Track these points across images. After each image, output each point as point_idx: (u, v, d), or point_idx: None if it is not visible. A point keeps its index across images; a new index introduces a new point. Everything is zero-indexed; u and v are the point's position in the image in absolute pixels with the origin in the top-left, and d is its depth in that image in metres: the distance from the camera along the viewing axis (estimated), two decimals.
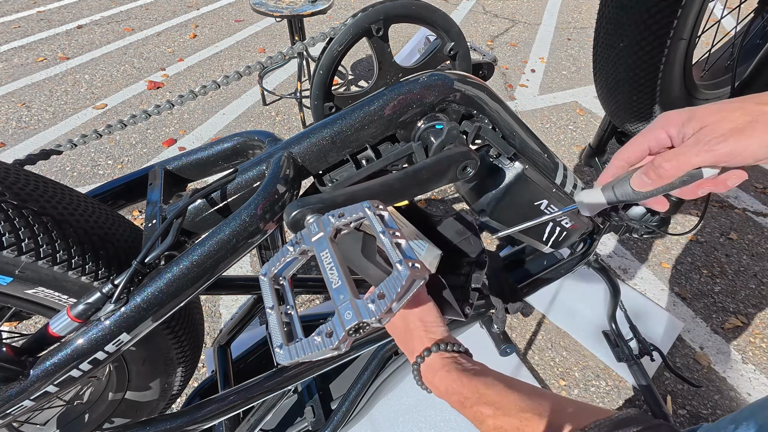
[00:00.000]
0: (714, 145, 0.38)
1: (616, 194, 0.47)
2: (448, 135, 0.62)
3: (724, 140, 0.37)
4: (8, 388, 0.51)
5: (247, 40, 3.56)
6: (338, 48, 0.63)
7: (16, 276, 0.48)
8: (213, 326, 1.51)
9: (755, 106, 0.37)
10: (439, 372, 0.46)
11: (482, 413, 0.41)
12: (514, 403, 0.40)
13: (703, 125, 0.39)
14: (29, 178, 0.51)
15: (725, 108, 0.38)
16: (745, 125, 0.37)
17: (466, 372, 0.45)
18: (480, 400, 0.41)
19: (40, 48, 3.29)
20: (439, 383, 0.46)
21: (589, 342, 1.45)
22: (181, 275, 0.50)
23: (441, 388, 0.45)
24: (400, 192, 0.59)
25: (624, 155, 0.46)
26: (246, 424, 0.89)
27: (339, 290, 0.39)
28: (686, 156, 0.40)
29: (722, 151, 0.37)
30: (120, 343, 0.51)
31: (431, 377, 0.47)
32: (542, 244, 0.86)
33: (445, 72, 0.64)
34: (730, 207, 2.05)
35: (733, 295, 1.65)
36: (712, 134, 0.38)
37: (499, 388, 0.42)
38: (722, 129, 0.37)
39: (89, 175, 2.18)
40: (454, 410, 0.45)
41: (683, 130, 0.40)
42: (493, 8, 4.26)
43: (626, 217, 0.96)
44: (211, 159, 0.67)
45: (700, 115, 0.39)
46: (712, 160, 0.38)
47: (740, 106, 0.38)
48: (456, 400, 0.44)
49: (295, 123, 2.60)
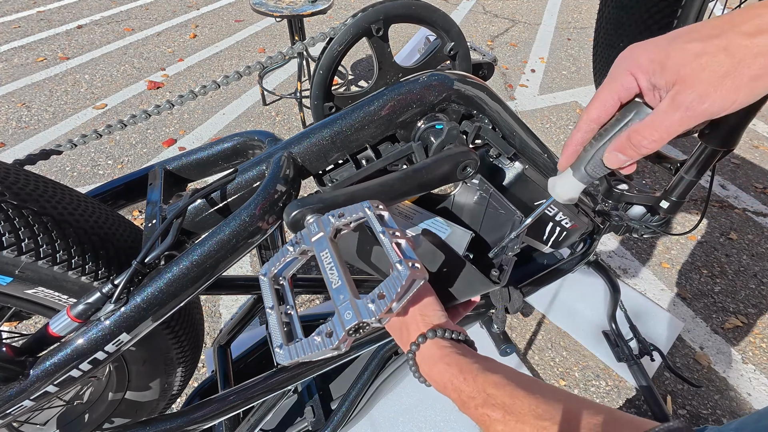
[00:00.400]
0: (698, 106, 0.32)
1: (590, 174, 0.43)
2: (448, 135, 0.62)
3: (708, 99, 0.31)
4: (8, 388, 0.51)
5: (247, 40, 3.56)
6: (338, 48, 0.63)
7: (16, 276, 0.48)
8: (213, 326, 1.51)
9: (741, 39, 0.30)
10: (438, 364, 0.39)
11: (489, 417, 0.35)
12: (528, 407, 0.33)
13: (679, 79, 0.32)
14: (29, 178, 0.51)
15: (706, 51, 0.31)
16: (730, 70, 0.30)
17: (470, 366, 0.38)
18: (487, 401, 0.35)
19: (40, 48, 3.29)
20: (438, 377, 0.39)
21: (589, 342, 1.45)
22: (181, 275, 0.50)
23: (440, 382, 0.39)
24: (400, 192, 0.59)
25: (593, 115, 0.39)
26: (246, 424, 0.89)
27: (339, 290, 0.39)
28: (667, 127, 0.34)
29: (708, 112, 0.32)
30: (120, 343, 0.50)
31: (428, 369, 0.40)
32: (542, 244, 0.86)
33: (445, 72, 0.64)
34: (730, 207, 2.05)
35: (733, 295, 1.65)
36: (693, 93, 0.31)
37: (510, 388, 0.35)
38: (704, 83, 0.31)
39: (89, 175, 2.18)
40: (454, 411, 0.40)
41: (654, 80, 0.34)
42: (493, 8, 4.26)
43: (626, 217, 0.95)
44: (211, 159, 0.67)
45: (673, 63, 0.32)
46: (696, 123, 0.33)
47: (724, 45, 0.30)
48: (457, 398, 0.38)
49: (295, 123, 2.60)
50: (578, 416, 0.32)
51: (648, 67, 0.34)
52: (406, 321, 0.44)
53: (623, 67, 0.36)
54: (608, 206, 0.95)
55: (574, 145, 0.42)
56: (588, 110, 0.39)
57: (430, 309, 0.44)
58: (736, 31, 0.30)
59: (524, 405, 0.34)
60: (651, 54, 0.34)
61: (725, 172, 2.28)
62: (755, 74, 0.30)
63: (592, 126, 0.40)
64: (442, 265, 0.50)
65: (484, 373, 0.37)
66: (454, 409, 1.16)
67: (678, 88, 0.32)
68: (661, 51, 0.33)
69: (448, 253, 0.50)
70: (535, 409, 0.33)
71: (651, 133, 0.35)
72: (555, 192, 0.48)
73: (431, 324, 0.42)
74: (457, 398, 0.38)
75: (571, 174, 0.44)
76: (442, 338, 0.41)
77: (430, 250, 0.51)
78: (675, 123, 0.33)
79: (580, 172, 0.43)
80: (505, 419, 0.34)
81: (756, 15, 0.30)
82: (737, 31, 0.30)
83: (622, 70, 0.36)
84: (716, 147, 0.77)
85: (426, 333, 0.41)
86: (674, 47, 0.32)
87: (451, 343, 0.41)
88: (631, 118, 0.37)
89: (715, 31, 0.31)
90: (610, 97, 0.37)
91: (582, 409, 0.32)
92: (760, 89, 0.31)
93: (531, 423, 0.32)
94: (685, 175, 0.84)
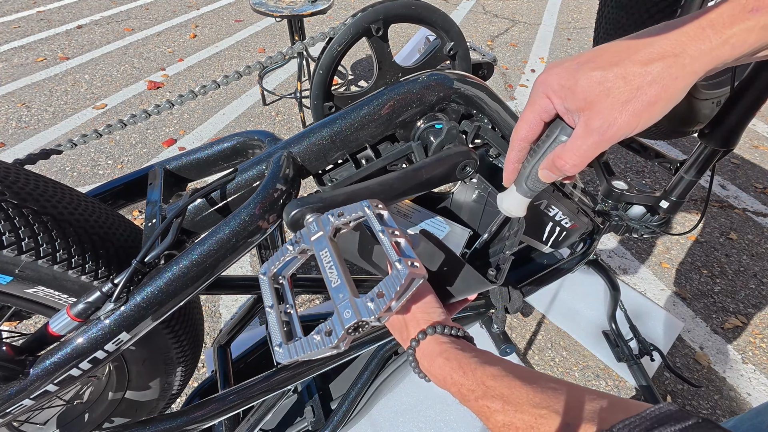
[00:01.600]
0: (607, 131, 0.34)
1: (530, 187, 0.45)
2: (447, 134, 0.62)
3: (615, 125, 0.33)
4: (8, 387, 0.51)
5: (247, 40, 3.56)
6: (338, 48, 0.63)
7: (16, 275, 0.48)
8: (213, 326, 1.51)
9: (636, 68, 0.32)
10: (437, 359, 0.41)
11: (489, 408, 0.36)
12: (526, 396, 0.35)
13: (587, 105, 0.34)
14: (29, 177, 0.51)
15: (607, 78, 0.33)
16: (630, 97, 0.32)
17: (469, 360, 0.39)
18: (486, 393, 0.37)
19: (40, 48, 3.29)
20: (438, 372, 0.40)
21: (589, 342, 1.45)
22: (181, 274, 0.50)
23: (440, 377, 0.40)
24: (399, 191, 0.59)
25: (521, 135, 0.42)
26: (246, 423, 0.89)
27: (338, 289, 0.39)
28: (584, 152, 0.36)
29: (617, 136, 0.34)
30: (120, 342, 0.51)
31: (428, 364, 0.42)
32: (542, 244, 0.86)
33: (445, 72, 0.64)
34: (730, 207, 2.06)
35: (733, 295, 1.65)
36: (601, 119, 0.34)
37: (508, 379, 0.37)
38: (609, 109, 0.33)
39: (89, 175, 2.18)
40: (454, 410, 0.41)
41: (566, 105, 0.36)
42: (493, 8, 4.26)
43: (626, 217, 0.96)
44: (211, 159, 0.67)
45: (580, 89, 0.34)
46: (609, 145, 0.35)
47: (622, 74, 0.32)
48: (457, 391, 0.39)
49: (295, 123, 2.60)
50: (575, 403, 0.33)
51: (560, 92, 0.36)
52: (406, 319, 0.45)
53: (539, 90, 0.38)
54: (608, 206, 0.95)
55: (512, 163, 0.45)
56: (516, 130, 0.42)
57: (430, 307, 0.45)
58: (632, 59, 0.32)
59: (522, 395, 0.35)
60: (561, 79, 0.36)
61: (725, 172, 2.28)
62: (651, 101, 0.32)
63: (523, 144, 0.43)
64: (441, 265, 0.50)
65: (483, 366, 0.38)
66: (453, 409, 1.16)
67: (588, 114, 0.35)
68: (571, 77, 0.35)
69: (447, 252, 0.51)
70: (533, 398, 0.34)
71: (571, 158, 0.37)
72: (503, 207, 0.50)
73: (431, 321, 0.43)
74: (457, 392, 0.39)
75: (515, 190, 0.47)
76: (441, 334, 0.42)
77: (429, 250, 0.51)
78: (591, 148, 0.36)
79: (522, 187, 0.46)
80: (505, 409, 0.35)
81: (647, 44, 0.32)
82: (633, 59, 0.32)
83: (539, 92, 0.38)
84: (716, 147, 0.77)
85: (426, 329, 0.42)
86: (581, 74, 0.34)
87: (450, 339, 0.42)
88: (558, 134, 0.39)
89: (614, 58, 0.33)
90: (533, 118, 0.40)
91: (579, 395, 0.34)
92: (658, 113, 0.33)
93: (529, 411, 0.33)
94: (684, 175, 0.84)
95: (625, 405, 0.32)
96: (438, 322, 0.43)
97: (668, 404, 0.30)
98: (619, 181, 0.94)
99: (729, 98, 0.73)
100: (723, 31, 0.30)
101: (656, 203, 0.89)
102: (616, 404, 0.32)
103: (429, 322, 0.43)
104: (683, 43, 0.31)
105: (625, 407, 0.31)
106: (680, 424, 0.28)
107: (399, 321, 0.47)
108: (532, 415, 0.33)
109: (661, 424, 0.28)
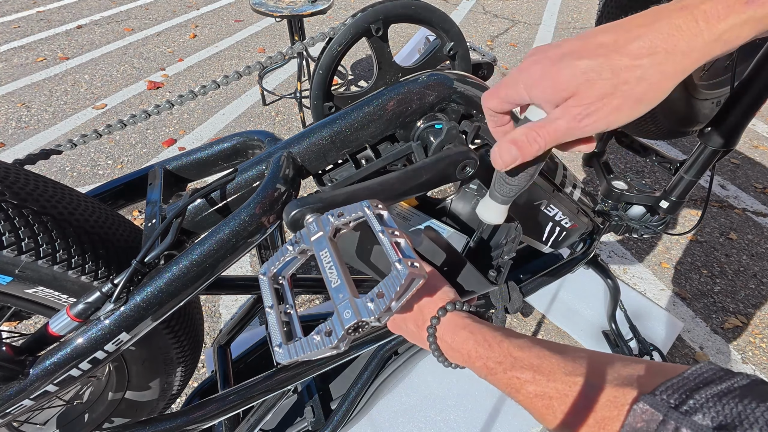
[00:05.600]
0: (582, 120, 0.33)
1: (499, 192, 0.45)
2: (447, 135, 0.62)
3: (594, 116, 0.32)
4: (8, 388, 0.51)
5: (247, 40, 3.56)
6: (338, 48, 0.63)
7: (16, 275, 0.48)
8: (213, 326, 1.51)
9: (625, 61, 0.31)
10: (461, 332, 0.39)
11: (519, 379, 0.34)
12: (558, 365, 0.33)
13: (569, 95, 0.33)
14: (29, 177, 0.51)
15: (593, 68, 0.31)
16: (615, 91, 0.31)
17: (493, 332, 0.38)
18: (515, 364, 0.35)
19: (40, 48, 3.29)
20: (462, 346, 0.39)
21: (589, 342, 1.45)
22: (181, 275, 0.50)
23: (463, 351, 0.39)
24: (399, 191, 0.59)
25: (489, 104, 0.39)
26: (246, 423, 0.89)
27: (338, 289, 0.39)
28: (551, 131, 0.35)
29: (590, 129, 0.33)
30: (119, 342, 0.51)
31: (451, 339, 0.40)
32: (542, 244, 0.86)
33: (445, 72, 0.64)
34: (730, 207, 2.06)
35: (733, 295, 1.65)
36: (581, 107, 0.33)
37: (537, 349, 0.35)
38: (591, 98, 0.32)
39: (89, 175, 2.18)
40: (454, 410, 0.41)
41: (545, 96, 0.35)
42: (493, 8, 4.26)
43: (626, 217, 0.96)
44: (211, 159, 0.67)
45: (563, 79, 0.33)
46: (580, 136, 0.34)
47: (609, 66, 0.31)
48: (483, 365, 0.37)
49: (295, 123, 2.60)
50: (609, 369, 0.31)
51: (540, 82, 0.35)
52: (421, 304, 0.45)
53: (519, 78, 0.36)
54: (608, 206, 0.95)
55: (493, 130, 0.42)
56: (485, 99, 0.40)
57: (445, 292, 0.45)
58: (621, 51, 0.31)
59: (552, 364, 0.34)
60: (544, 68, 0.34)
61: (725, 172, 2.28)
62: (637, 98, 0.31)
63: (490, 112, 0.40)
64: (443, 263, 0.50)
65: (508, 338, 0.37)
66: (453, 409, 1.16)
67: (570, 101, 0.33)
68: (553, 65, 0.33)
69: (449, 251, 0.51)
70: (564, 366, 0.33)
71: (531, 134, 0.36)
72: (481, 215, 0.50)
73: (448, 299, 0.43)
74: (483, 365, 0.38)
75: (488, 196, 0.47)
76: (461, 311, 0.42)
77: (432, 248, 0.51)
78: (559, 130, 0.34)
79: (493, 194, 0.45)
80: (536, 379, 0.34)
81: (636, 37, 0.31)
82: (622, 52, 0.31)
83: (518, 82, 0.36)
84: (716, 147, 0.77)
85: (445, 306, 0.42)
86: (565, 63, 0.33)
87: (470, 315, 0.42)
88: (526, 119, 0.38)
89: (601, 50, 0.32)
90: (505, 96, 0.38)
91: (611, 362, 0.32)
92: (641, 111, 0.32)
93: (562, 380, 0.32)
94: (684, 175, 0.84)
95: (661, 368, 0.30)
96: (455, 300, 0.43)
97: (708, 363, 0.28)
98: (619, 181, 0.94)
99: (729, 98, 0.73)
100: (716, 26, 0.28)
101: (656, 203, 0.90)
102: (652, 368, 0.31)
103: (446, 300, 0.43)
104: (675, 38, 0.30)
105: (662, 370, 0.30)
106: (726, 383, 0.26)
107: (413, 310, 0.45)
108: (566, 383, 0.32)
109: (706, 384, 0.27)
